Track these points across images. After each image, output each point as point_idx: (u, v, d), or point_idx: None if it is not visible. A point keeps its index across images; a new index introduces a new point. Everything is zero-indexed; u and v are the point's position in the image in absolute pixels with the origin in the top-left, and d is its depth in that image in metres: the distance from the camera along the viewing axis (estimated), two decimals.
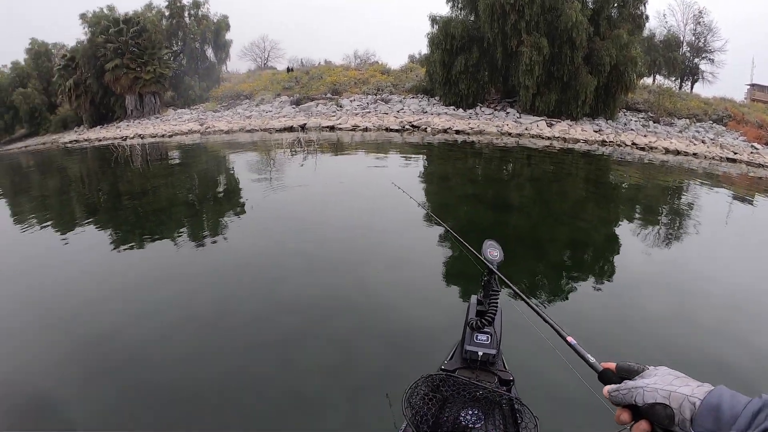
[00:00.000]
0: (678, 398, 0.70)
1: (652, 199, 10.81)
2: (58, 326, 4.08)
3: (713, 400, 0.66)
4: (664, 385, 0.73)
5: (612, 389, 0.80)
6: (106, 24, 29.79)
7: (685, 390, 0.70)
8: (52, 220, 8.24)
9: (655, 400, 0.72)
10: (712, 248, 6.96)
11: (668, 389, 0.72)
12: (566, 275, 5.40)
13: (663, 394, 0.71)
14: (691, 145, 22.10)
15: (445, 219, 7.39)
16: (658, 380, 0.75)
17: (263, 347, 3.55)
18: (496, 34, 23.16)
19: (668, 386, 0.72)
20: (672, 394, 0.71)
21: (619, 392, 0.79)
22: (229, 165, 14.84)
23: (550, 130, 21.88)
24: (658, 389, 0.73)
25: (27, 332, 4.00)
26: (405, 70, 30.97)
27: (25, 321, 4.21)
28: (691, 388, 0.70)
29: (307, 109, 25.96)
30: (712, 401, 0.66)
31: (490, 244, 1.92)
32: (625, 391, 0.77)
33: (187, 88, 30.91)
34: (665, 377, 0.75)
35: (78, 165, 18.87)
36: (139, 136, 25.54)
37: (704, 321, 4.35)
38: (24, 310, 4.44)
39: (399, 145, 18.02)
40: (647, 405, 0.73)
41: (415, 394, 1.46)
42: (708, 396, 0.67)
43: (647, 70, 29.61)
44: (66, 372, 3.39)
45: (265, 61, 42.83)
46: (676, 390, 0.71)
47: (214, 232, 6.90)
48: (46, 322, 4.18)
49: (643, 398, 0.74)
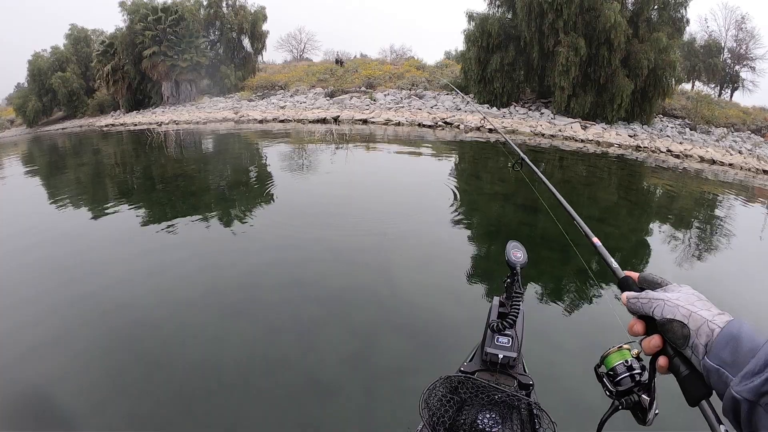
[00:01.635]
0: (698, 320, 0.66)
1: (684, 209, 10.61)
2: (86, 300, 4.22)
3: (733, 330, 0.62)
4: (686, 303, 0.69)
5: (632, 296, 0.77)
6: (144, 12, 30.43)
7: (706, 314, 0.67)
8: (86, 198, 8.56)
9: (674, 316, 0.68)
10: (742, 265, 6.73)
11: (690, 309, 0.68)
12: (592, 282, 5.28)
13: (683, 312, 0.68)
14: (728, 155, 21.59)
15: (473, 216, 7.47)
16: (681, 297, 0.71)
17: (284, 333, 3.61)
18: (533, 32, 22.96)
19: (690, 305, 0.69)
20: (692, 314, 0.67)
21: (638, 300, 0.75)
22: (261, 153, 15.04)
23: (584, 133, 21.65)
24: (679, 306, 0.69)
25: (58, 306, 4.13)
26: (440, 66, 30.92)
27: (56, 295, 4.34)
28: (712, 314, 0.67)
29: (341, 102, 26.20)
30: (732, 331, 0.61)
31: (514, 245, 1.87)
32: (645, 300, 0.74)
33: (223, 76, 31.37)
34: (688, 296, 0.71)
35: (113, 148, 19.44)
36: (174, 122, 26.12)
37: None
38: (53, 284, 4.60)
39: (431, 141, 18.06)
40: (665, 319, 0.69)
41: (433, 395, 1.44)
42: (728, 325, 0.63)
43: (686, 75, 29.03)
44: (91, 345, 3.50)
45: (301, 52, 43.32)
46: (698, 312, 0.67)
47: (243, 218, 7.01)
48: (76, 295, 4.33)
49: (662, 311, 0.70)
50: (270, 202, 7.93)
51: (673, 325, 0.68)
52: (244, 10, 32.02)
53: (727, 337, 0.61)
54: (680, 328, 0.67)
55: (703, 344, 0.64)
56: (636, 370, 0.85)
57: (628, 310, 0.78)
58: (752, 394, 0.54)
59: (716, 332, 0.63)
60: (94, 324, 3.82)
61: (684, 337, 0.66)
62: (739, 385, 0.56)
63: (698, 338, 0.65)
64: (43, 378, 3.14)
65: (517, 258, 1.80)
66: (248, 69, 32.85)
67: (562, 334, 3.89)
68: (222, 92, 31.10)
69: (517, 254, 1.82)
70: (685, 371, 0.68)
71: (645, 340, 0.73)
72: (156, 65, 30.32)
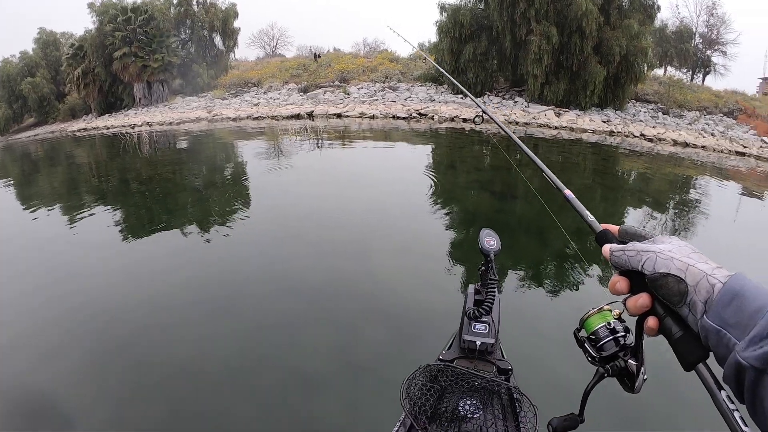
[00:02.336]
0: (696, 275, 0.57)
1: (659, 192, 10.71)
2: (66, 305, 4.14)
3: (735, 287, 0.53)
4: (680, 255, 0.60)
5: (616, 248, 0.67)
6: (114, 13, 29.80)
7: (704, 267, 0.57)
8: (61, 206, 8.31)
9: (668, 270, 0.59)
10: (717, 244, 6.83)
11: (686, 261, 0.59)
12: (568, 265, 5.31)
13: (679, 265, 0.59)
14: (700, 137, 21.89)
15: (450, 205, 7.47)
16: (674, 249, 0.61)
17: (269, 329, 3.63)
18: (505, 22, 23.02)
19: (686, 258, 0.60)
20: (690, 268, 0.58)
21: (624, 252, 0.65)
22: (236, 152, 14.90)
23: (558, 120, 21.74)
24: (674, 258, 0.60)
25: (36, 315, 4.03)
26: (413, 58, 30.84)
27: (35, 304, 4.25)
28: (711, 267, 0.58)
29: (315, 97, 25.95)
30: (735, 287, 0.53)
31: (487, 233, 1.88)
32: (632, 252, 0.64)
33: (195, 75, 30.91)
34: (682, 248, 0.62)
35: (87, 152, 19.01)
36: (147, 123, 25.61)
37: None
38: (32, 293, 4.48)
39: (406, 133, 17.99)
40: (658, 274, 0.60)
41: (413, 384, 1.46)
42: (730, 280, 0.54)
43: (658, 61, 29.35)
44: (76, 351, 3.44)
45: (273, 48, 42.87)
46: (695, 264, 0.58)
47: (220, 217, 6.92)
48: (55, 300, 4.24)
49: (654, 265, 0.61)
50: (246, 200, 7.91)
51: (668, 281, 0.59)
52: (214, 7, 31.57)
53: (730, 294, 0.53)
54: (676, 284, 0.58)
55: (702, 301, 0.55)
56: (620, 333, 0.78)
57: (611, 264, 0.67)
58: (761, 361, 0.47)
59: (717, 288, 0.54)
60: (77, 328, 3.76)
61: (680, 293, 0.58)
62: (746, 350, 0.49)
63: (697, 294, 0.56)
64: (24, 382, 3.10)
65: (490, 245, 1.80)
66: (221, 67, 32.39)
67: (539, 318, 3.96)
68: (195, 92, 30.63)
69: (490, 242, 1.82)
70: (678, 332, 0.60)
71: (630, 299, 0.64)
72: (127, 66, 29.73)
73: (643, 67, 23.58)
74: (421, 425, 1.34)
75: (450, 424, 1.40)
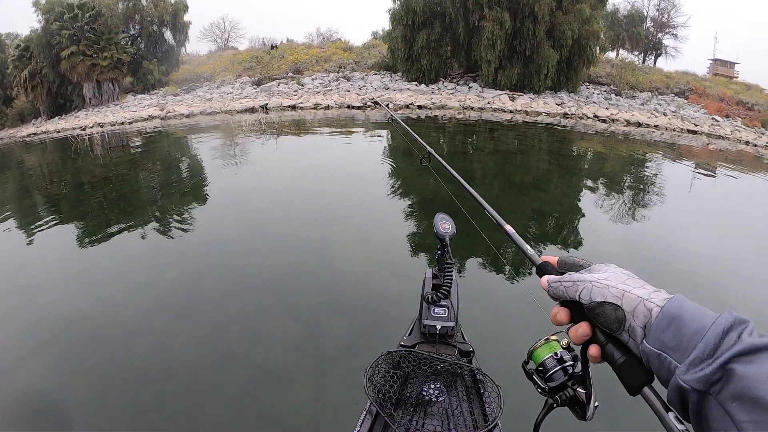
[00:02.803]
0: (632, 300, 0.57)
1: (613, 171, 10.87)
2: (19, 316, 4.02)
3: (673, 310, 0.53)
4: (616, 282, 0.60)
5: (553, 279, 0.68)
6: (60, 10, 28.60)
7: (641, 292, 0.58)
8: (12, 214, 7.94)
9: (604, 298, 0.59)
10: (672, 218, 7.03)
11: (621, 288, 0.59)
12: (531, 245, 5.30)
13: (615, 292, 0.59)
14: (653, 117, 22.42)
15: (407, 193, 7.46)
16: (610, 277, 0.62)
17: (230, 326, 3.58)
18: (458, 9, 23.07)
19: (622, 285, 0.60)
20: (626, 294, 0.58)
21: (561, 284, 0.66)
22: (190, 149, 14.56)
23: (513, 104, 21.91)
24: (609, 286, 0.60)
25: None
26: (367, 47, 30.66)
27: None
28: (648, 292, 0.58)
29: (269, 89, 25.48)
30: (673, 310, 0.53)
31: (442, 217, 1.84)
32: (569, 283, 0.65)
33: (146, 72, 29.93)
34: (618, 275, 0.62)
35: (38, 158, 18.21)
36: (99, 124, 24.72)
37: (669, 281, 4.33)
38: None
39: (361, 122, 17.86)
40: (594, 303, 0.60)
41: (376, 372, 1.46)
42: (668, 304, 0.54)
43: (610, 44, 29.90)
44: (36, 359, 3.34)
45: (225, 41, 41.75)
46: (631, 290, 0.58)
47: (177, 216, 6.78)
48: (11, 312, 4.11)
49: (590, 294, 0.61)
50: (201, 198, 7.78)
51: (605, 309, 0.60)
52: (164, 1, 30.61)
53: (668, 318, 0.53)
54: (613, 311, 0.59)
55: (641, 326, 0.56)
56: (567, 362, 0.78)
57: (549, 296, 0.69)
58: (702, 383, 0.48)
59: (654, 312, 0.55)
60: (33, 339, 3.60)
61: (618, 320, 0.58)
62: (687, 373, 0.49)
63: (635, 320, 0.57)
64: None
65: (445, 230, 1.78)
66: (172, 62, 31.48)
67: (497, 298, 3.99)
68: (146, 89, 29.69)
69: (445, 226, 1.80)
70: (620, 358, 0.60)
71: (572, 329, 0.65)
72: (75, 66, 28.59)
73: (596, 51, 24.03)
74: (386, 412, 1.34)
75: (415, 409, 1.41)
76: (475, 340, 1.83)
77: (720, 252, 5.58)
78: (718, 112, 24.84)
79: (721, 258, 5.38)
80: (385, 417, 1.34)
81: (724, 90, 28.24)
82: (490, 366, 1.67)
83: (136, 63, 30.10)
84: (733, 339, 0.48)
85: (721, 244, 5.89)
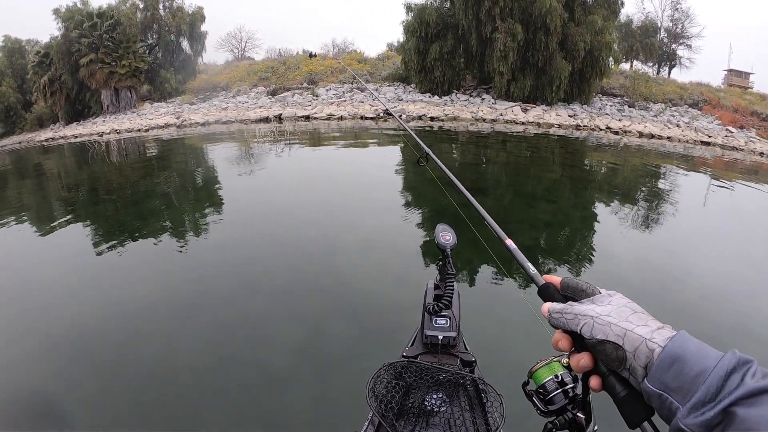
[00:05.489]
0: (634, 340, 0.56)
1: (626, 182, 10.84)
2: (31, 315, 4.15)
3: (676, 350, 0.52)
4: (619, 320, 0.59)
5: (554, 310, 0.67)
6: (79, 19, 29.29)
7: (643, 331, 0.57)
8: (29, 217, 8.20)
9: (606, 336, 0.58)
10: (687, 231, 6.94)
11: (624, 326, 0.58)
12: (539, 258, 5.34)
13: (617, 331, 0.58)
14: (666, 128, 22.31)
15: (416, 202, 7.57)
16: (612, 312, 0.61)
17: (235, 330, 3.65)
18: (470, 20, 23.15)
19: (624, 322, 0.59)
20: (628, 333, 0.57)
21: (562, 315, 0.65)
22: (204, 157, 14.82)
23: (525, 116, 21.96)
24: (611, 324, 0.59)
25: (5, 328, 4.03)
26: (382, 58, 30.89)
27: (3, 315, 4.25)
28: (650, 330, 0.57)
29: (283, 99, 25.81)
30: (675, 351, 0.52)
31: (443, 228, 1.88)
32: (570, 316, 0.64)
33: (163, 81, 30.50)
34: (621, 310, 0.61)
35: (55, 162, 18.66)
36: (116, 131, 25.20)
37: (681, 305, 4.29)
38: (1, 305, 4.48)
39: (373, 133, 18.01)
40: (595, 340, 0.59)
41: (378, 383, 1.45)
42: (670, 344, 0.53)
43: (624, 55, 29.80)
44: (46, 359, 3.45)
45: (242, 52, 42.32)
46: (633, 329, 0.57)
47: (190, 222, 6.97)
48: (21, 310, 4.25)
49: (591, 330, 0.60)
50: (212, 204, 7.96)
51: (606, 347, 0.58)
52: (181, 11, 31.16)
53: (670, 358, 0.52)
54: (614, 350, 0.58)
55: (642, 366, 0.55)
56: (568, 385, 0.78)
57: (549, 323, 0.67)
58: (703, 428, 0.47)
59: (656, 352, 0.54)
60: (44, 337, 3.74)
61: (619, 359, 0.57)
62: (689, 417, 0.48)
63: (636, 360, 0.55)
64: None
65: (446, 240, 1.80)
66: (188, 71, 32.03)
67: (499, 308, 4.00)
68: (163, 97, 30.22)
69: (446, 237, 1.82)
70: (622, 392, 0.59)
71: (573, 358, 0.64)
72: (94, 73, 29.19)
73: (608, 62, 23.94)
74: (389, 423, 1.34)
75: (418, 419, 1.41)
76: (477, 350, 1.84)
77: (738, 269, 5.42)
78: (732, 123, 24.63)
79: (738, 276, 5.21)
80: (388, 427, 1.33)
81: (739, 100, 27.97)
82: (493, 376, 1.66)
83: (154, 71, 30.67)
84: (736, 382, 0.47)
85: (741, 262, 5.71)
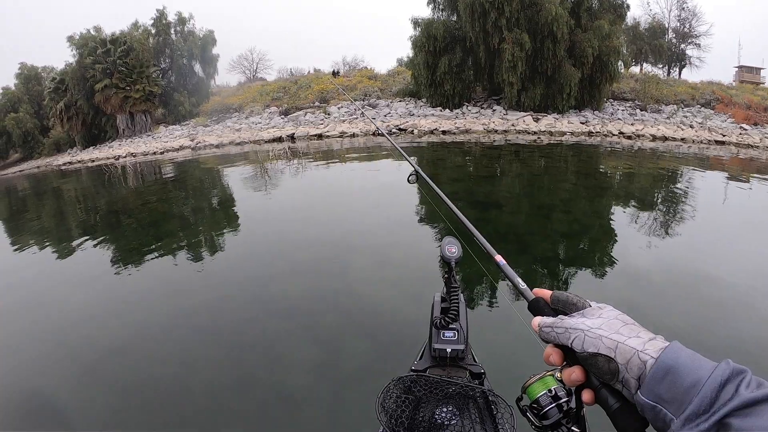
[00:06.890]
0: (626, 352, 0.55)
1: (641, 188, 10.81)
2: (53, 334, 4.33)
3: (669, 361, 0.52)
4: (610, 332, 0.59)
5: (544, 324, 0.66)
6: (93, 45, 30.05)
7: (635, 342, 0.56)
8: (50, 239, 8.48)
9: (597, 350, 0.58)
10: (710, 233, 6.87)
11: (615, 339, 0.57)
12: (559, 269, 5.36)
13: (608, 344, 0.57)
14: (679, 130, 22.17)
15: (429, 217, 7.57)
16: (603, 325, 0.60)
17: (251, 349, 3.72)
18: (477, 32, 23.27)
19: (615, 335, 0.58)
20: (619, 345, 0.56)
21: (553, 330, 0.64)
22: (219, 178, 15.09)
23: (537, 125, 21.98)
24: (603, 336, 0.58)
25: (31, 346, 4.19)
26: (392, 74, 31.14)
27: (28, 335, 4.43)
28: (642, 341, 0.56)
29: (296, 119, 26.15)
30: (668, 362, 0.52)
31: (449, 240, 1.86)
32: (561, 330, 0.63)
33: (177, 104, 31.09)
34: (612, 322, 0.61)
35: (73, 186, 19.11)
36: (132, 154, 25.68)
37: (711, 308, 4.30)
38: (26, 326, 4.66)
39: (386, 149, 18.13)
40: (587, 354, 0.59)
41: (387, 397, 1.43)
42: (663, 355, 0.52)
43: (633, 58, 29.70)
44: (65, 376, 3.60)
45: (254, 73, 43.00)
46: (625, 342, 0.57)
47: (204, 243, 7.11)
48: (44, 332, 4.43)
49: (582, 344, 0.60)
50: (229, 224, 8.15)
51: (598, 360, 0.58)
52: (192, 35, 31.80)
53: (663, 370, 0.51)
54: (606, 363, 0.57)
55: (635, 378, 0.54)
56: (562, 399, 0.78)
57: (540, 338, 0.67)
58: None
59: (649, 364, 0.53)
60: (64, 355, 3.90)
61: (611, 372, 0.57)
62: (683, 429, 0.48)
63: (629, 372, 0.55)
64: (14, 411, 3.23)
65: (451, 253, 1.80)
66: (202, 94, 32.61)
67: (508, 319, 3.98)
68: (177, 120, 30.77)
69: (452, 249, 1.81)
70: (614, 404, 0.58)
71: (565, 371, 0.63)
72: (109, 98, 29.86)
73: (618, 66, 23.89)
74: None
75: None
76: (486, 362, 1.83)
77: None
78: (745, 121, 24.33)
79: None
80: None
81: (751, 97, 27.63)
82: (503, 387, 1.64)
83: (168, 95, 31.27)
84: (730, 393, 0.47)
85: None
